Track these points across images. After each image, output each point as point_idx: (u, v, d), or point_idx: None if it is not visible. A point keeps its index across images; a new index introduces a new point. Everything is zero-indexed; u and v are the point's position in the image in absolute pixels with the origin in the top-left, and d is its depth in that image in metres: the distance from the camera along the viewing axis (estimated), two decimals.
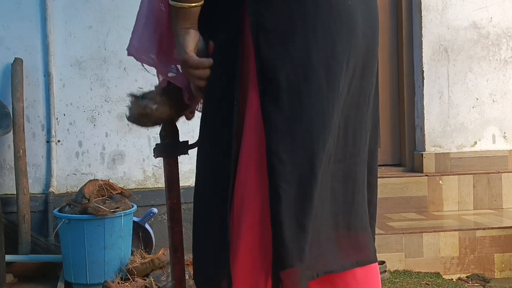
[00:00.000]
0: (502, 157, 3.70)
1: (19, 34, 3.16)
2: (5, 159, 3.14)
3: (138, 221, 2.99)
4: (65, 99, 3.21)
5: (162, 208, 3.14)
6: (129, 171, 3.27)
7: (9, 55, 3.12)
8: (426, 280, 2.82)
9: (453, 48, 3.69)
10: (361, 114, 1.38)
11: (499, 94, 3.73)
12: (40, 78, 3.18)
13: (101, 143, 3.24)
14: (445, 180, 3.56)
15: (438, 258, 2.98)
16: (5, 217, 2.93)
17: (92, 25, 3.23)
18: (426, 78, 3.67)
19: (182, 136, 1.47)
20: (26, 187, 2.99)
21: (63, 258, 2.76)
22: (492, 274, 2.99)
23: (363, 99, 1.38)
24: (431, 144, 3.68)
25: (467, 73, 3.70)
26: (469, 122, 3.71)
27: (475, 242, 3.00)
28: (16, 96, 3.02)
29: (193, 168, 1.42)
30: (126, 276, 2.63)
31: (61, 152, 3.20)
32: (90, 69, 3.22)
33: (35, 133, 3.18)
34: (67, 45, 3.20)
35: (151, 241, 3.04)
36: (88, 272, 2.68)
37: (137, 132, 3.26)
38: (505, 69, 3.73)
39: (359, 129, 1.38)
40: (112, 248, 2.70)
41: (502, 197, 3.59)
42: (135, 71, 3.26)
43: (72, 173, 3.21)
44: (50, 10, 3.17)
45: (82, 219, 2.65)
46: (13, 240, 2.94)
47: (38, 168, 3.18)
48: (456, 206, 3.55)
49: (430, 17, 3.67)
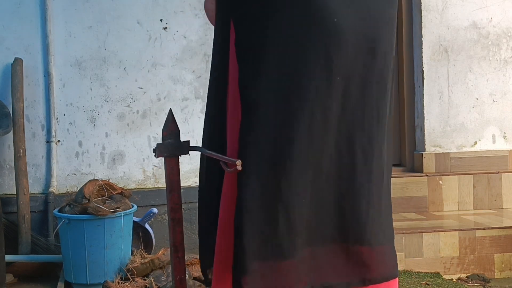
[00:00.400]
0: (502, 157, 3.70)
1: (19, 34, 3.16)
2: (5, 159, 3.14)
3: (138, 221, 2.99)
4: (65, 99, 3.21)
5: (162, 208, 3.14)
6: (129, 171, 3.27)
7: (9, 55, 3.12)
8: (426, 280, 2.82)
9: (453, 48, 3.69)
10: (369, 130, 1.36)
11: (499, 94, 3.73)
12: (40, 78, 3.18)
13: (101, 143, 3.24)
14: (445, 180, 3.56)
15: (438, 258, 2.98)
16: (5, 217, 2.93)
17: (92, 25, 3.23)
18: (426, 78, 3.67)
19: (182, 136, 1.47)
20: (26, 187, 2.99)
21: (63, 258, 2.76)
22: (492, 274, 2.99)
23: (369, 114, 1.35)
24: (431, 144, 3.68)
25: (467, 73, 3.70)
26: (469, 122, 3.71)
27: (475, 242, 3.00)
28: (16, 96, 3.02)
29: (193, 168, 1.44)
30: (126, 276, 2.63)
31: (61, 152, 3.20)
32: (90, 69, 3.22)
33: (35, 133, 3.18)
34: (67, 45, 3.20)
35: (151, 241, 3.04)
36: (88, 272, 2.68)
37: (137, 132, 3.26)
38: (505, 69, 3.73)
39: (369, 145, 1.36)
40: (112, 248, 2.69)
41: (502, 197, 3.59)
42: (135, 71, 3.26)
43: (72, 173, 3.21)
44: (50, 10, 3.17)
45: (82, 219, 2.65)
46: (13, 240, 2.93)
47: (38, 168, 3.18)
48: (456, 206, 3.56)
49: (430, 17, 3.67)
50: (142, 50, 3.27)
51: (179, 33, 3.31)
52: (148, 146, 3.27)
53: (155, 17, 3.29)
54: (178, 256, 1.41)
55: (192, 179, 3.22)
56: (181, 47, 3.32)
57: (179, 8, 3.32)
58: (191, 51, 3.33)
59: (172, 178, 1.42)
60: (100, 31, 3.23)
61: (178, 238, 1.41)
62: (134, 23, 3.27)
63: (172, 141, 1.41)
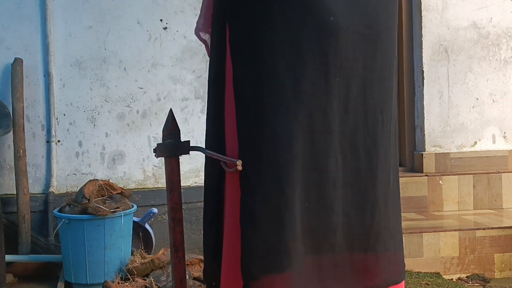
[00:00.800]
0: (502, 157, 3.70)
1: (19, 34, 3.16)
2: (5, 159, 3.14)
3: (138, 221, 2.99)
4: (65, 99, 3.21)
5: (162, 208, 3.14)
6: (129, 171, 3.27)
7: (9, 55, 3.12)
8: (426, 280, 2.81)
9: (453, 48, 3.69)
10: (373, 132, 1.33)
11: (499, 94, 3.73)
12: (40, 78, 3.18)
13: (101, 143, 3.24)
14: (445, 180, 3.56)
15: (438, 258, 2.98)
16: (5, 217, 2.93)
17: (92, 25, 3.23)
18: (426, 78, 3.67)
19: (183, 136, 1.47)
20: (26, 187, 2.99)
21: (63, 258, 2.76)
22: (492, 274, 2.99)
23: (372, 117, 1.33)
24: (431, 144, 3.68)
25: (467, 73, 3.70)
26: (469, 122, 3.71)
27: (475, 242, 3.00)
28: (16, 96, 3.02)
29: (193, 168, 1.44)
30: (126, 276, 2.63)
31: (61, 152, 3.20)
32: (90, 69, 3.22)
33: (35, 133, 3.18)
34: (67, 45, 3.20)
35: (151, 241, 3.04)
36: (88, 272, 2.67)
37: (137, 132, 3.26)
38: (505, 69, 3.73)
39: (374, 148, 1.33)
40: (112, 248, 2.69)
41: (502, 197, 3.59)
42: (135, 71, 3.26)
43: (72, 173, 3.21)
44: (50, 10, 3.17)
45: (82, 219, 2.65)
46: (13, 240, 2.93)
47: (38, 168, 3.18)
48: (456, 206, 3.55)
49: (430, 17, 3.67)
50: (142, 50, 3.27)
51: (179, 33, 3.31)
52: (148, 146, 3.27)
53: (155, 17, 3.29)
54: (178, 256, 1.41)
55: (192, 179, 3.22)
56: (181, 47, 3.32)
57: (179, 8, 3.32)
58: (191, 51, 3.33)
59: (172, 178, 1.42)
60: (100, 31, 3.23)
61: (178, 238, 1.41)
62: (134, 23, 3.27)
63: (172, 141, 1.41)
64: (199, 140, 3.20)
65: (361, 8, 1.29)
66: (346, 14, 1.26)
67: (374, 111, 1.33)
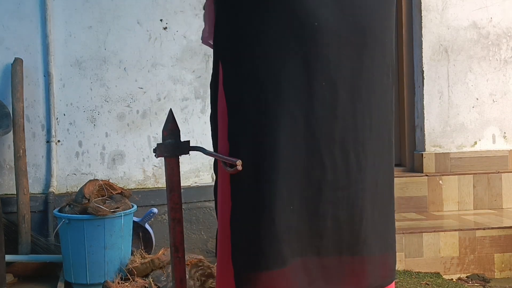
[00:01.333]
0: (502, 157, 3.70)
1: (19, 34, 3.16)
2: (5, 159, 3.14)
3: (138, 221, 2.99)
4: (65, 99, 3.21)
5: (162, 208, 3.14)
6: (129, 171, 3.27)
7: (9, 55, 3.12)
8: (426, 280, 2.82)
9: (453, 48, 3.69)
10: (362, 137, 1.33)
11: (499, 94, 3.73)
12: (40, 78, 3.18)
13: (101, 143, 3.24)
14: (445, 180, 3.56)
15: (438, 258, 2.98)
16: (5, 217, 2.93)
17: (92, 25, 3.23)
18: (426, 78, 3.68)
19: (183, 136, 1.47)
20: (26, 187, 2.99)
21: (63, 258, 2.76)
22: (492, 274, 2.99)
23: (360, 122, 1.33)
24: (431, 144, 3.68)
25: (467, 73, 3.70)
26: (469, 122, 3.71)
27: (475, 242, 3.00)
28: (16, 96, 3.02)
29: (193, 168, 1.45)
30: (126, 276, 2.63)
31: (61, 152, 3.20)
32: (90, 69, 3.22)
33: (35, 133, 3.18)
34: (67, 45, 3.20)
35: (151, 241, 3.04)
36: (88, 272, 2.67)
37: (137, 132, 3.26)
38: (505, 69, 3.73)
39: (363, 153, 1.33)
40: (112, 248, 2.69)
41: (502, 197, 3.59)
42: (135, 71, 3.26)
43: (72, 173, 3.21)
44: (50, 10, 3.17)
45: (82, 219, 2.65)
46: (13, 240, 2.93)
47: (38, 168, 3.18)
48: (456, 206, 3.56)
49: (430, 17, 3.67)
50: (142, 50, 3.27)
51: (179, 33, 3.31)
52: (148, 146, 3.27)
53: (155, 17, 3.29)
54: (178, 256, 1.41)
55: (192, 179, 3.22)
56: (181, 47, 3.32)
57: (179, 8, 3.32)
58: (191, 51, 3.33)
59: (172, 178, 1.42)
60: (100, 31, 3.23)
61: (178, 238, 1.41)
62: (134, 23, 3.27)
63: (172, 141, 1.41)
64: (199, 140, 3.20)
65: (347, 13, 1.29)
66: (331, 19, 1.27)
67: (363, 116, 1.33)
